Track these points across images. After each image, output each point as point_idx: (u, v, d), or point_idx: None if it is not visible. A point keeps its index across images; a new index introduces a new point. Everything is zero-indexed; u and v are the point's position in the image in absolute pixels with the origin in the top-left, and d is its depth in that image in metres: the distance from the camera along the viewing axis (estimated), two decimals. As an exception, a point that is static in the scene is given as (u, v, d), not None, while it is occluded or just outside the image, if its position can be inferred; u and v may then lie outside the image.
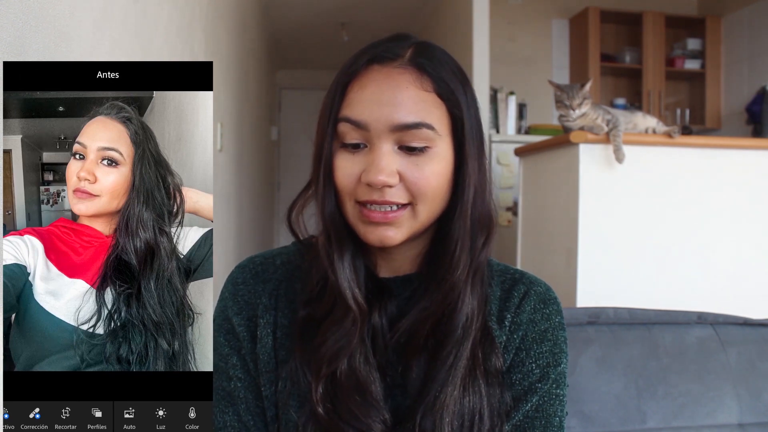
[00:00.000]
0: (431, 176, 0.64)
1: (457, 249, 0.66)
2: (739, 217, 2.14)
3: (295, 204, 0.71)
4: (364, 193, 0.64)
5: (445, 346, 0.67)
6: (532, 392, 0.70)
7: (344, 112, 0.65)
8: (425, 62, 0.65)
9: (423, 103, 0.64)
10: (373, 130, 0.63)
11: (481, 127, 0.69)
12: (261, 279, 0.73)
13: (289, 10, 4.63)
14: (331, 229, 0.67)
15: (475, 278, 0.68)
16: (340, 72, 0.68)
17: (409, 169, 0.64)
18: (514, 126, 3.72)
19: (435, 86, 0.65)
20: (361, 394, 0.65)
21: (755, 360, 1.06)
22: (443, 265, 0.67)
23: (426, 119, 0.63)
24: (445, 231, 0.68)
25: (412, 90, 0.64)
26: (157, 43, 1.55)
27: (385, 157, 0.63)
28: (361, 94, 0.64)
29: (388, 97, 0.63)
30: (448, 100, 0.65)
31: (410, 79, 0.64)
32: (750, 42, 4.09)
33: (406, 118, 0.63)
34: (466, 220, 0.67)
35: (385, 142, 0.63)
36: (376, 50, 0.66)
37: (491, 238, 0.69)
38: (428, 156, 0.64)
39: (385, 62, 0.65)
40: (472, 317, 0.67)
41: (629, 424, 0.99)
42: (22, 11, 0.77)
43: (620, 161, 1.99)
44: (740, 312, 1.15)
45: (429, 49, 0.67)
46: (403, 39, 0.68)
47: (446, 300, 0.67)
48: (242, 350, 0.71)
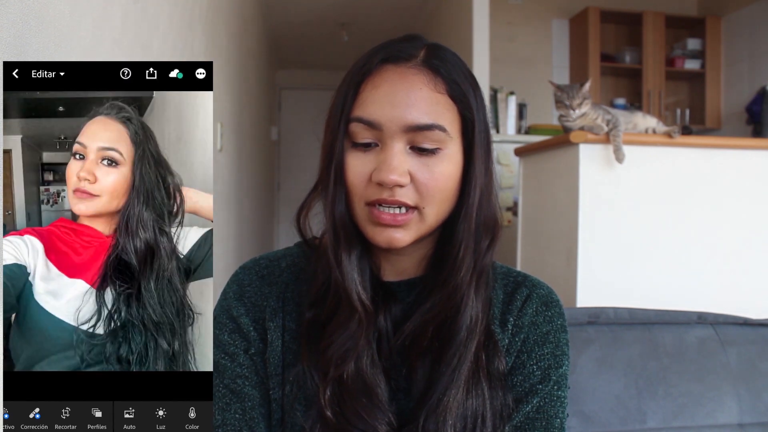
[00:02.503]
0: (441, 177, 0.65)
1: (460, 251, 0.66)
2: (739, 217, 2.14)
3: (304, 205, 0.71)
4: (374, 193, 0.64)
5: (448, 349, 0.67)
6: (533, 394, 0.70)
7: (357, 111, 0.65)
8: (438, 64, 0.65)
9: (436, 105, 0.64)
10: (386, 130, 0.63)
11: (488, 130, 0.69)
12: (267, 282, 0.73)
13: (289, 10, 4.63)
14: (340, 229, 0.66)
15: (479, 281, 0.68)
16: (353, 71, 0.67)
17: (419, 169, 0.64)
18: (514, 126, 3.72)
19: (448, 88, 0.65)
20: (368, 396, 0.66)
21: (755, 360, 1.06)
22: (447, 268, 0.67)
23: (439, 121, 0.64)
24: (449, 233, 0.68)
25: (425, 91, 0.64)
26: (157, 43, 1.55)
27: (397, 156, 0.63)
28: (374, 94, 0.64)
29: (401, 97, 0.63)
30: (460, 102, 0.65)
31: (424, 80, 0.64)
32: (750, 42, 4.09)
33: (420, 119, 0.63)
34: (471, 222, 0.67)
35: (397, 141, 0.64)
36: (389, 50, 0.66)
37: (496, 241, 0.70)
38: (439, 157, 0.65)
39: (399, 62, 0.65)
40: (476, 320, 0.67)
41: (629, 424, 0.99)
42: (22, 11, 0.77)
43: (620, 161, 1.99)
44: (740, 312, 1.15)
45: (441, 51, 0.67)
46: (415, 40, 0.68)
47: (450, 302, 0.67)
48: (251, 350, 0.71)
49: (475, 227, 0.67)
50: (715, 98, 4.35)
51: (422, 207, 0.65)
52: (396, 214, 0.64)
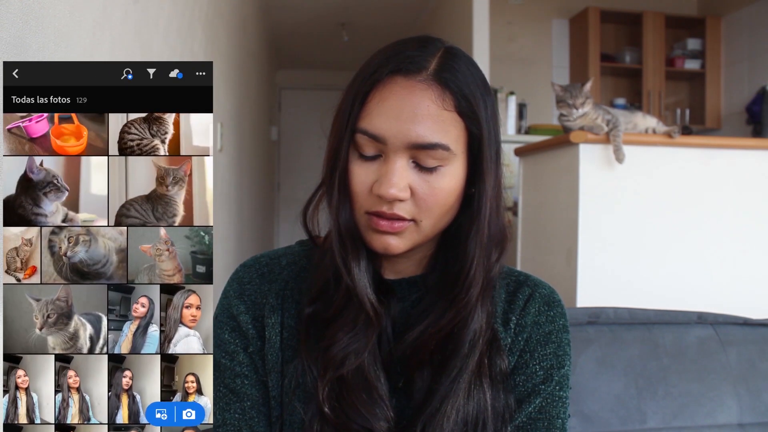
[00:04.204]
0: (440, 193, 0.64)
1: (472, 268, 0.66)
2: (739, 217, 2.14)
3: (309, 205, 0.71)
4: (374, 204, 0.64)
5: (450, 360, 0.67)
6: (535, 394, 0.70)
7: (362, 123, 0.64)
8: (449, 77, 0.64)
9: (442, 123, 0.63)
10: (390, 144, 0.63)
11: (499, 140, 0.68)
12: (267, 279, 0.73)
13: (289, 10, 4.63)
14: (346, 237, 0.67)
15: (486, 293, 0.68)
16: (361, 77, 0.66)
17: (420, 185, 0.64)
18: (514, 126, 3.73)
19: (456, 104, 0.64)
20: (368, 392, 0.66)
21: (755, 360, 1.06)
22: (458, 284, 0.67)
23: (443, 140, 0.63)
24: (459, 246, 0.68)
25: (432, 108, 0.63)
26: (157, 43, 1.55)
27: (399, 171, 0.63)
28: (380, 107, 0.63)
29: (408, 113, 0.63)
30: (467, 117, 0.65)
31: (432, 96, 0.63)
32: (750, 42, 4.09)
33: (424, 138, 0.62)
34: (482, 238, 0.67)
35: (400, 156, 0.63)
36: (399, 59, 0.65)
37: (504, 254, 0.70)
38: (439, 174, 0.64)
39: (408, 74, 0.64)
40: (479, 332, 0.67)
41: (629, 424, 0.99)
42: (22, 11, 0.77)
43: (620, 161, 1.99)
44: (740, 312, 1.15)
45: (454, 61, 0.65)
46: (430, 45, 0.66)
47: (457, 317, 0.67)
48: (249, 348, 0.71)
49: (487, 242, 0.67)
50: (715, 98, 4.35)
51: (419, 219, 0.65)
52: (393, 222, 0.65)
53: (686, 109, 4.41)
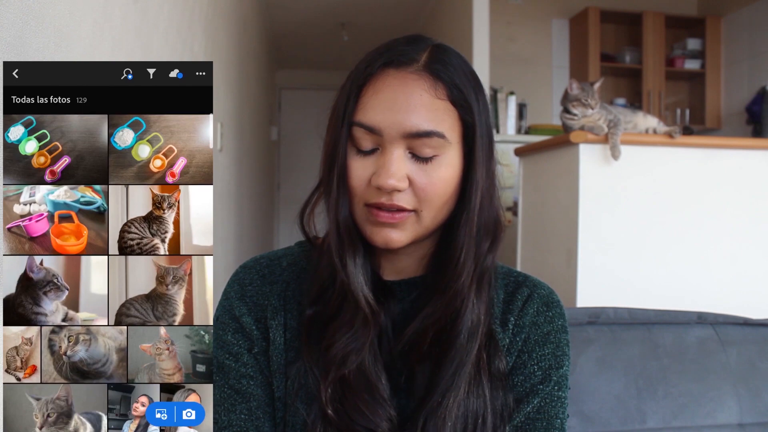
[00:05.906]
0: (439, 182, 0.65)
1: (461, 256, 0.67)
2: (738, 217, 2.14)
3: (307, 205, 0.72)
4: (374, 195, 0.65)
5: (449, 352, 0.67)
6: (533, 394, 0.71)
7: (358, 116, 0.65)
8: (440, 68, 0.65)
9: (436, 111, 0.64)
10: (386, 135, 0.64)
11: (491, 132, 0.69)
12: (268, 281, 0.73)
13: (289, 10, 4.63)
14: (344, 233, 0.67)
15: (480, 284, 0.68)
16: (354, 73, 0.67)
17: (418, 175, 0.64)
18: (514, 126, 3.73)
19: (449, 93, 0.65)
20: (369, 393, 0.66)
21: (755, 360, 1.06)
22: (448, 272, 0.67)
23: (438, 128, 0.64)
24: (450, 237, 0.68)
25: (425, 97, 0.64)
26: (157, 43, 1.55)
27: (396, 161, 0.64)
28: (374, 99, 0.65)
29: (401, 103, 0.64)
30: (460, 107, 0.65)
31: (424, 86, 0.64)
32: (750, 42, 4.09)
33: (419, 126, 0.63)
34: (472, 226, 0.67)
35: (396, 147, 0.64)
36: (391, 53, 0.66)
37: (498, 243, 0.70)
38: (436, 163, 0.65)
39: (400, 67, 0.65)
40: (477, 323, 0.67)
41: (629, 424, 0.99)
42: (22, 11, 0.77)
43: (616, 158, 2.00)
44: (740, 312, 1.15)
45: (444, 54, 0.67)
46: (419, 42, 0.68)
47: (450, 307, 0.67)
48: (254, 349, 0.71)
49: (476, 231, 0.67)
50: (715, 98, 4.34)
51: (420, 210, 0.66)
52: (393, 213, 0.65)
53: (686, 109, 4.41)
